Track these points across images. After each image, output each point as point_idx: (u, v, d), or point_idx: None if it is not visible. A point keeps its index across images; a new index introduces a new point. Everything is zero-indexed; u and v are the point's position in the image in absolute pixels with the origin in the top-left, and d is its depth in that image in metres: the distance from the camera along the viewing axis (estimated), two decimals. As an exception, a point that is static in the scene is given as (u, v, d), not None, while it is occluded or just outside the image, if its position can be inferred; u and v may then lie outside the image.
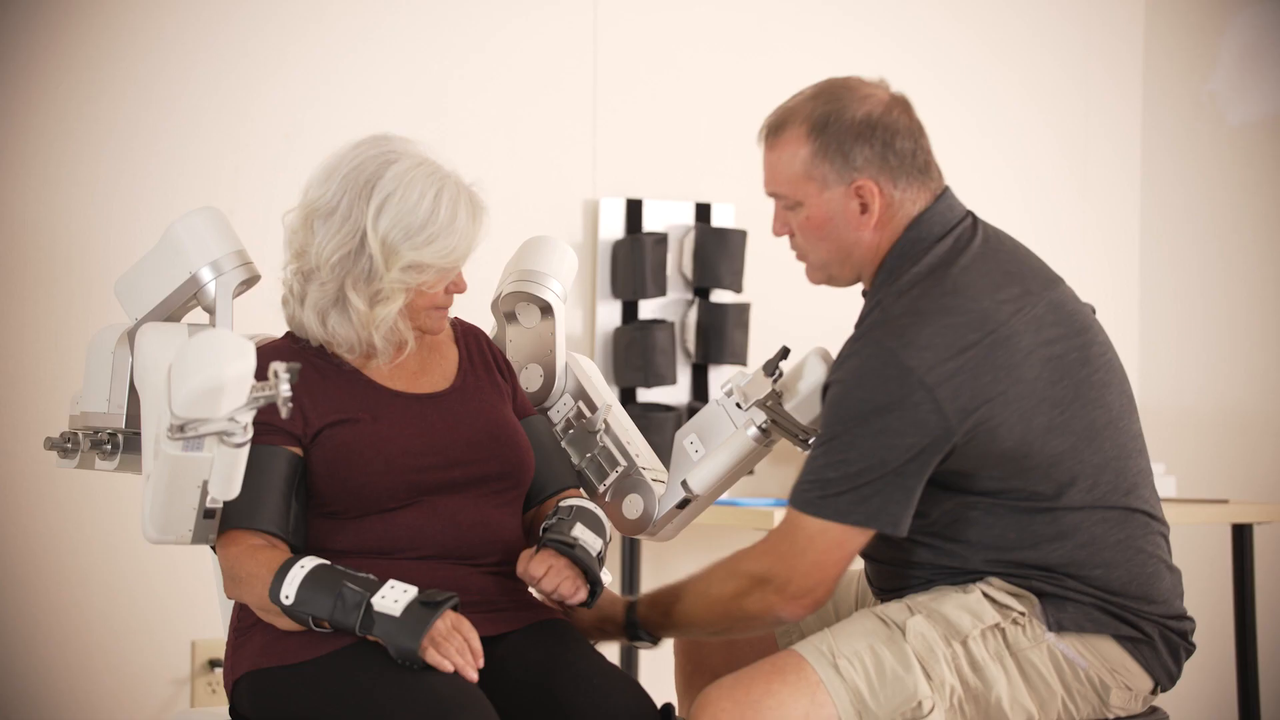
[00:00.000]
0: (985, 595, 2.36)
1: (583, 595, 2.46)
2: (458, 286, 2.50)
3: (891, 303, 2.35)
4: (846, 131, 2.39)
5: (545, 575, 2.44)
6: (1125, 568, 2.38)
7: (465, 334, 2.63)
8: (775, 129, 2.44)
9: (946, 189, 2.45)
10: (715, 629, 2.47)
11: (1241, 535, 4.32)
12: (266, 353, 2.47)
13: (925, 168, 2.43)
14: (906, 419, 2.28)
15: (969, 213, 2.46)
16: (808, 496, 2.32)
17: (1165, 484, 4.44)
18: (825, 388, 2.37)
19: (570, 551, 2.46)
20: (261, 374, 2.19)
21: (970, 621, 2.34)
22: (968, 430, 2.29)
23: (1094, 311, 2.49)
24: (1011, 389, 2.31)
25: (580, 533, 2.49)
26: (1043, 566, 2.36)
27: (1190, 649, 2.44)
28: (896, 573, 2.44)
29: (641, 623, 2.53)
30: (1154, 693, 2.44)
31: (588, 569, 2.46)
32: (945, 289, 2.34)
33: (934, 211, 2.42)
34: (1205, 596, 4.61)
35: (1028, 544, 2.36)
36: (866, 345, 2.32)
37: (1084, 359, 2.39)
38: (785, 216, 2.46)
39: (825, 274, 2.47)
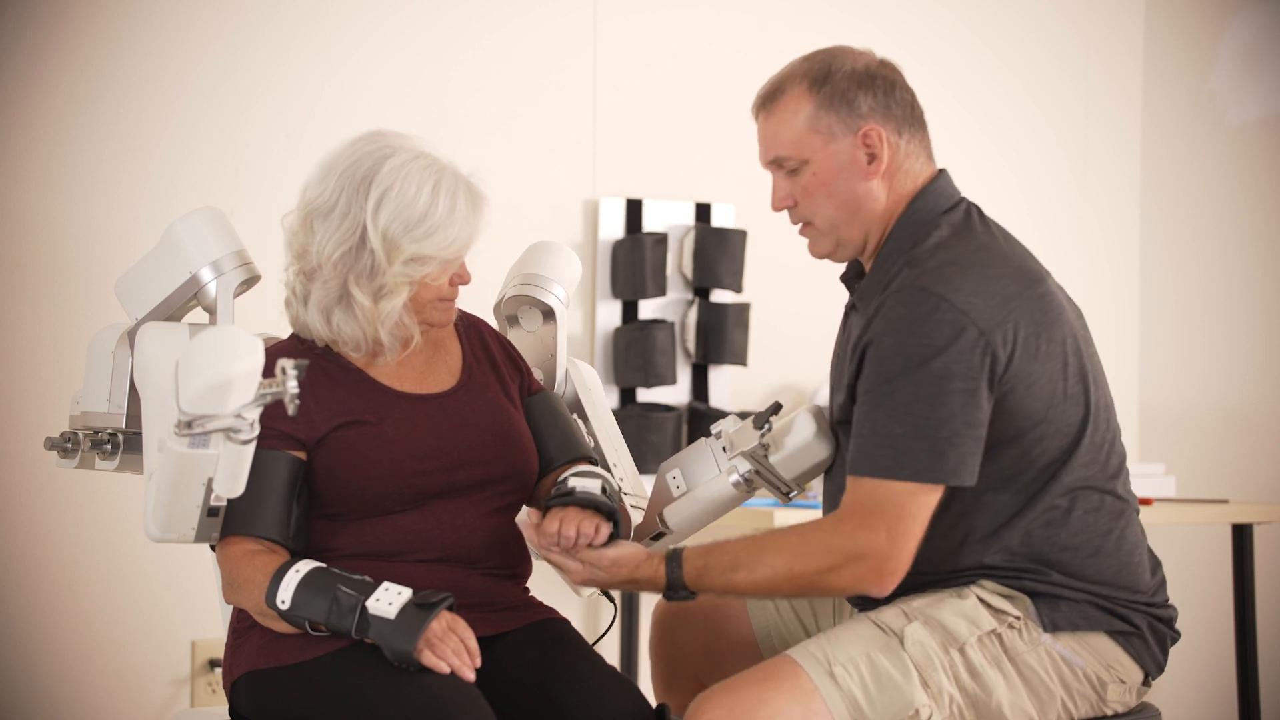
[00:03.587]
0: (980, 600, 2.35)
1: (605, 531, 2.40)
2: (462, 277, 2.48)
3: (925, 258, 2.33)
4: (849, 80, 2.40)
5: (560, 526, 2.38)
6: (1115, 556, 2.38)
7: (467, 329, 2.61)
8: (772, 94, 2.44)
9: (944, 170, 2.46)
10: (781, 596, 2.41)
11: (1241, 535, 4.32)
12: (274, 353, 2.47)
13: (923, 124, 2.44)
14: (964, 362, 2.24)
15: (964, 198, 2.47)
16: (880, 462, 2.26)
17: (1165, 484, 4.43)
18: (864, 348, 2.31)
19: (571, 499, 2.42)
20: (269, 371, 2.18)
21: (968, 628, 2.33)
22: (1009, 379, 2.28)
23: None
24: (1045, 347, 2.31)
25: (576, 482, 2.45)
26: (1034, 558, 2.35)
27: (1175, 637, 2.45)
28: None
29: (688, 584, 2.39)
30: (1145, 683, 2.45)
31: (597, 506, 2.41)
32: (975, 246, 2.35)
33: (938, 185, 2.43)
34: (1205, 596, 4.62)
35: (1020, 530, 2.34)
36: (911, 294, 2.28)
37: (1088, 339, 2.41)
38: (786, 186, 2.44)
39: (833, 238, 2.44)
